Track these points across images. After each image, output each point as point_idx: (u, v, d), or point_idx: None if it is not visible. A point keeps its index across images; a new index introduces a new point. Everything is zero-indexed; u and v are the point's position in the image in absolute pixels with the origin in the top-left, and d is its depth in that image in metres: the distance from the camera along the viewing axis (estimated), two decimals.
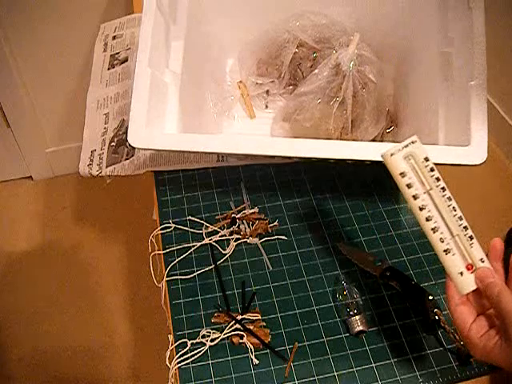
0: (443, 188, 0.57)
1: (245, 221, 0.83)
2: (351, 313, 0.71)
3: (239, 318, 0.72)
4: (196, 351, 0.69)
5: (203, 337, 0.70)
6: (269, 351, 0.70)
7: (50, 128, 1.73)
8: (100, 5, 1.46)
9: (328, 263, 0.79)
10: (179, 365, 0.68)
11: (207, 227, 0.82)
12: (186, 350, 0.70)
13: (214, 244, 0.80)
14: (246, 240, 0.81)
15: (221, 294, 0.75)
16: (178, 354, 0.69)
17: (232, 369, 0.68)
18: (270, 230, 0.82)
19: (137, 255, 1.65)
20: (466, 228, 0.57)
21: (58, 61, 1.55)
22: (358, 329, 0.70)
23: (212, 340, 0.70)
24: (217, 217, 0.84)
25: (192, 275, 0.77)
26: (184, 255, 0.79)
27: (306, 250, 0.80)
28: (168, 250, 0.80)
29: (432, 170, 0.57)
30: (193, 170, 0.89)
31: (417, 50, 0.88)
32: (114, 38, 1.14)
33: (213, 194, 0.87)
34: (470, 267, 0.56)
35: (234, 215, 0.83)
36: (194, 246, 0.80)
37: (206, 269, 0.78)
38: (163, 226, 0.82)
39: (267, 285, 0.76)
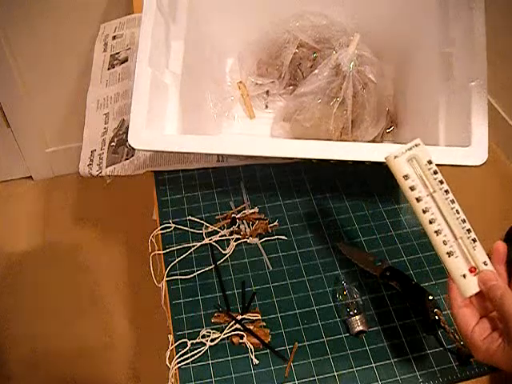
0: (446, 191, 0.57)
1: (245, 221, 0.83)
2: (351, 313, 0.71)
3: (239, 318, 0.72)
4: (196, 351, 0.69)
5: (203, 337, 0.70)
6: (269, 351, 0.70)
7: (49, 128, 1.73)
8: (100, 5, 1.46)
9: (328, 263, 0.79)
10: (179, 365, 0.68)
11: (207, 227, 0.82)
12: (185, 350, 0.70)
13: (214, 244, 0.80)
14: (246, 240, 0.81)
15: (221, 294, 0.75)
16: (178, 354, 0.69)
17: (232, 369, 0.68)
18: (270, 230, 0.82)
19: (137, 255, 1.64)
20: (469, 231, 0.56)
21: (57, 61, 1.55)
22: (357, 329, 0.70)
23: (212, 340, 0.70)
24: (217, 217, 0.84)
25: (192, 275, 0.77)
26: (184, 255, 0.79)
27: (306, 250, 0.80)
28: (168, 250, 0.80)
29: (435, 172, 0.57)
30: (193, 170, 0.90)
31: (417, 51, 0.88)
32: (114, 37, 1.14)
33: (213, 194, 0.87)
34: (473, 270, 0.56)
35: (234, 215, 0.83)
36: (193, 246, 0.80)
37: (206, 269, 0.78)
38: (163, 226, 0.82)
39: (267, 285, 0.76)
